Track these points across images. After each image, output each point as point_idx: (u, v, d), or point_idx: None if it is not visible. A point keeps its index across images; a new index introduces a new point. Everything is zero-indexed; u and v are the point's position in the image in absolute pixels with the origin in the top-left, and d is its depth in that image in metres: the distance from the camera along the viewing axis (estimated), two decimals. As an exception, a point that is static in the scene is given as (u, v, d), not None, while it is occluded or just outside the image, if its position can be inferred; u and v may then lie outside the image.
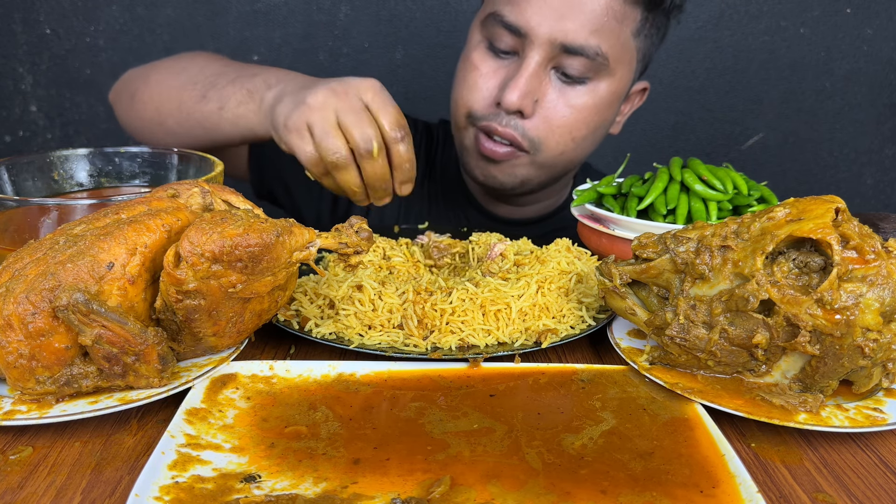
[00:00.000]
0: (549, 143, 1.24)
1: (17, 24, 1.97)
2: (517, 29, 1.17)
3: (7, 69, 1.99)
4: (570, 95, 1.21)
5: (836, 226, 0.66)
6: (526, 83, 1.17)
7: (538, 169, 1.28)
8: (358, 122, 0.96)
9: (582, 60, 1.17)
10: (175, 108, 1.21)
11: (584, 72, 1.19)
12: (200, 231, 0.63)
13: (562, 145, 1.25)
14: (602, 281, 0.78)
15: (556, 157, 1.26)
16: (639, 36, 1.24)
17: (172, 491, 0.55)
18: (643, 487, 0.57)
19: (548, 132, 1.22)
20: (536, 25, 1.15)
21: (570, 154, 1.28)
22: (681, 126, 2.17)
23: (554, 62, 1.19)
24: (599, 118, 1.26)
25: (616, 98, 1.27)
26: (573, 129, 1.24)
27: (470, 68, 1.26)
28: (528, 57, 1.17)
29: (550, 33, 1.15)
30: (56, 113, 2.05)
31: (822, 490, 0.60)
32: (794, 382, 0.70)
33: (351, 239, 0.75)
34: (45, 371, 0.63)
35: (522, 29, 1.16)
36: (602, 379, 0.74)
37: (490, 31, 1.22)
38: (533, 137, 1.22)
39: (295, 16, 2.02)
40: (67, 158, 0.97)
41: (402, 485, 0.57)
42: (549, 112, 1.21)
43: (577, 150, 1.28)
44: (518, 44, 1.19)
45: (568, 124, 1.23)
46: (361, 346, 0.78)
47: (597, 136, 1.31)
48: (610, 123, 1.33)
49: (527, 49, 1.18)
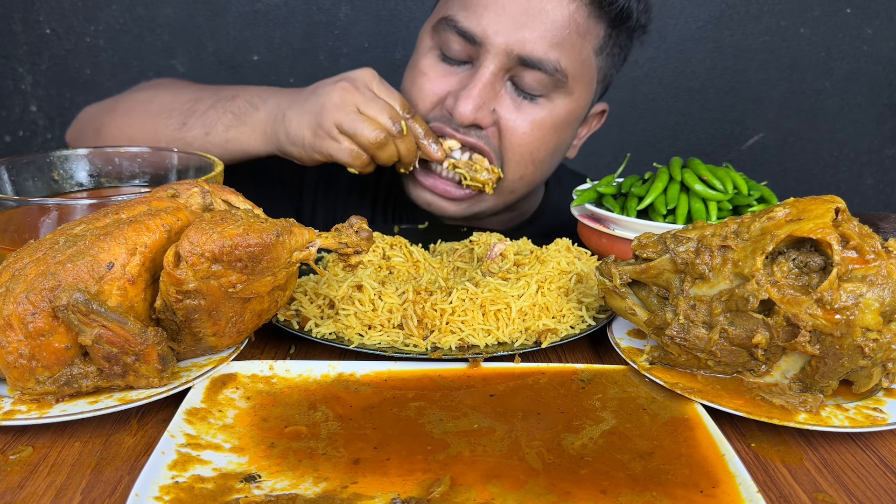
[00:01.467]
0: (510, 165, 1.16)
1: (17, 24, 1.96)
2: (471, 36, 1.09)
3: (7, 69, 1.99)
4: (526, 110, 1.13)
5: (836, 226, 0.66)
6: (479, 93, 1.09)
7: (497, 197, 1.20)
8: (379, 109, 1.05)
9: (539, 75, 1.09)
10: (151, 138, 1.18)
11: (541, 88, 1.11)
12: (200, 231, 0.63)
13: (521, 167, 1.17)
14: (602, 281, 0.78)
15: (516, 181, 1.19)
16: (601, 54, 1.16)
17: (172, 491, 0.55)
18: (643, 487, 0.57)
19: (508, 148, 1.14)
20: (493, 34, 1.07)
21: (530, 178, 1.20)
22: (681, 126, 2.17)
23: (509, 74, 1.11)
24: (557, 139, 1.18)
25: (574, 119, 1.19)
26: (533, 150, 1.16)
27: (417, 74, 1.18)
28: (483, 66, 1.09)
29: (507, 43, 1.07)
30: (56, 113, 2.05)
31: (822, 490, 0.60)
32: (794, 382, 0.70)
33: (351, 239, 0.75)
34: (45, 371, 0.63)
35: (478, 36, 1.08)
36: (602, 379, 0.74)
37: (442, 38, 1.13)
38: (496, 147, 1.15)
39: (295, 16, 2.02)
40: (67, 158, 0.97)
41: (402, 485, 0.57)
42: (507, 125, 1.13)
43: (537, 174, 1.20)
44: (472, 52, 1.11)
45: (527, 143, 1.14)
46: (361, 346, 0.78)
47: (554, 160, 1.23)
48: (566, 147, 1.25)
49: (481, 58, 1.10)
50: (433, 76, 1.16)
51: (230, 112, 1.14)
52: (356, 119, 1.03)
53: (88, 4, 1.96)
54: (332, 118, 1.03)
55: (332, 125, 1.03)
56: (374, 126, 1.04)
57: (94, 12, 1.97)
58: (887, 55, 2.11)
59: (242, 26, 2.02)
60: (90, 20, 1.98)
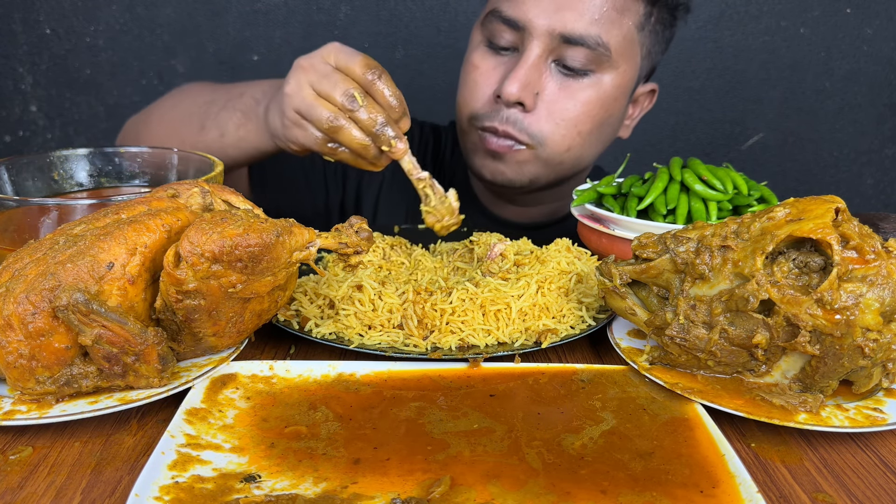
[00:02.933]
0: (555, 138, 1.22)
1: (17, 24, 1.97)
2: (515, 23, 1.17)
3: (7, 69, 1.99)
4: (573, 88, 1.20)
5: (836, 226, 0.66)
6: (525, 74, 1.16)
7: (545, 166, 1.26)
8: (331, 83, 0.94)
9: (583, 51, 1.16)
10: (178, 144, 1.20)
11: (586, 63, 1.18)
12: (200, 231, 0.63)
13: (568, 139, 1.23)
14: (602, 281, 0.78)
15: (563, 153, 1.25)
16: (642, 30, 1.22)
17: (172, 491, 0.55)
18: (643, 487, 0.57)
19: (552, 126, 1.21)
20: (534, 17, 1.15)
21: (577, 150, 1.26)
22: (681, 126, 2.17)
23: (554, 54, 1.18)
24: (605, 113, 1.24)
25: (621, 93, 1.25)
26: (578, 123, 1.22)
27: (470, 69, 1.25)
28: (528, 49, 1.17)
29: (549, 24, 1.14)
30: (56, 113, 2.05)
31: (822, 490, 0.60)
32: (794, 382, 0.70)
33: (351, 239, 0.75)
34: (45, 371, 0.63)
35: (520, 22, 1.16)
36: (602, 379, 0.74)
37: (489, 30, 1.21)
38: (535, 133, 1.21)
39: (295, 16, 2.02)
40: (67, 158, 0.97)
41: (402, 485, 0.57)
42: (551, 105, 1.20)
43: (585, 146, 1.26)
44: (517, 38, 1.19)
45: (572, 118, 1.21)
46: (361, 346, 0.78)
47: (603, 133, 1.29)
48: (616, 121, 1.31)
49: (526, 42, 1.17)
50: (484, 68, 1.23)
51: (238, 111, 1.13)
52: (310, 102, 0.95)
53: (88, 4, 1.96)
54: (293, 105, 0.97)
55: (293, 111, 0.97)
56: (326, 110, 0.93)
57: (94, 12, 1.97)
58: (887, 55, 2.11)
59: (242, 26, 2.02)
60: (90, 20, 1.98)
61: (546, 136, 1.22)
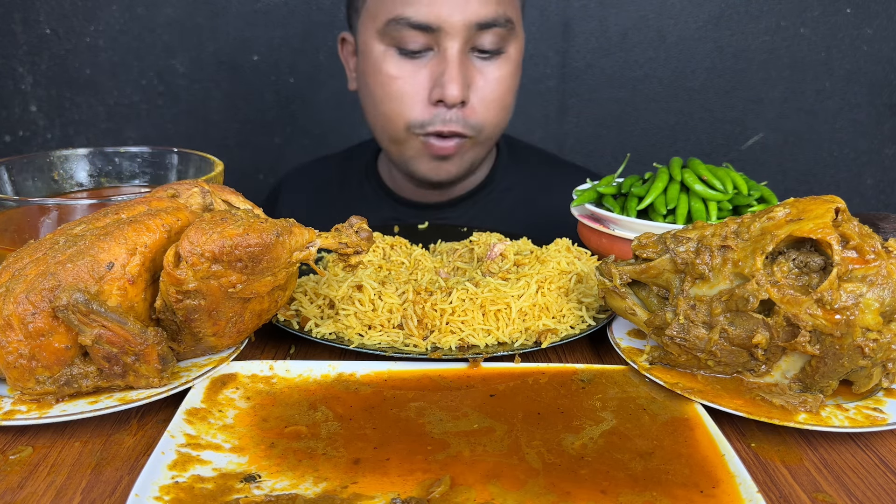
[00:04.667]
0: (489, 121, 1.27)
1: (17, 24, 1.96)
2: (427, 25, 1.18)
3: (7, 69, 1.99)
4: (492, 69, 1.25)
5: (836, 226, 0.66)
6: (458, 73, 1.20)
7: (482, 147, 1.32)
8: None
9: (495, 31, 1.21)
10: None
11: (498, 43, 1.23)
12: (200, 231, 0.63)
13: (499, 118, 1.30)
14: (602, 281, 0.78)
15: (494, 130, 1.31)
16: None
17: (172, 491, 0.55)
18: (643, 487, 0.57)
19: (485, 112, 1.26)
20: (448, 16, 1.17)
21: (504, 122, 1.33)
22: (681, 126, 2.17)
23: (470, 44, 1.22)
24: (517, 81, 1.32)
25: (521, 54, 1.31)
26: (503, 100, 1.28)
27: (387, 81, 1.25)
28: (449, 48, 1.20)
29: (464, 18, 1.18)
30: (56, 113, 2.05)
31: (822, 490, 0.60)
32: (794, 382, 0.70)
33: (351, 239, 0.75)
34: (45, 371, 0.63)
35: (433, 24, 1.18)
36: (602, 379, 0.74)
37: (395, 37, 1.21)
38: (474, 123, 1.25)
39: (295, 16, 2.02)
40: (67, 158, 0.97)
41: (402, 485, 0.57)
42: (481, 92, 1.24)
43: (507, 116, 1.33)
44: (430, 39, 1.20)
45: (498, 97, 1.27)
46: (361, 346, 0.78)
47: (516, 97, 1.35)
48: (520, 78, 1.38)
49: (443, 41, 1.20)
50: (405, 76, 1.24)
51: None
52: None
53: (88, 4, 1.96)
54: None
55: None
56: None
57: (94, 12, 1.97)
58: (887, 55, 2.11)
59: (242, 26, 2.02)
60: (90, 20, 1.98)
61: (482, 123, 1.26)
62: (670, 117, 2.15)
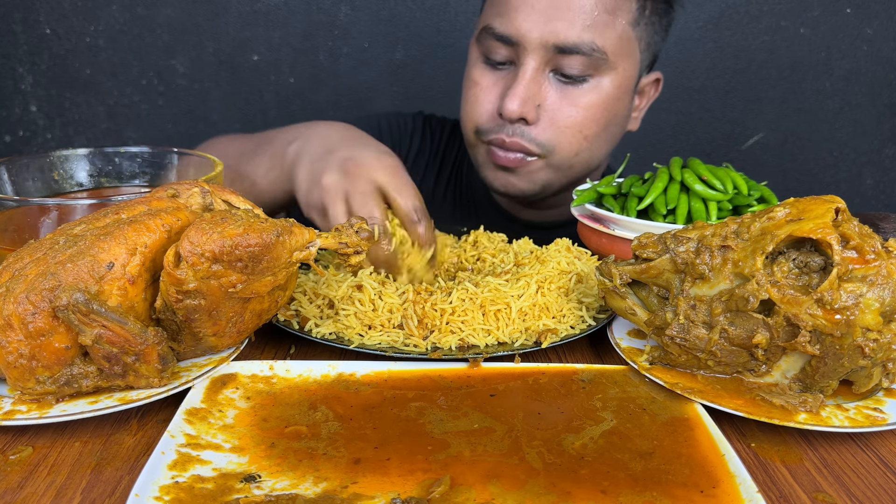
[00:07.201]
0: (562, 145, 1.23)
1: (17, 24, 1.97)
2: (509, 38, 1.17)
3: (7, 69, 1.99)
4: (574, 95, 1.21)
5: (836, 226, 0.66)
6: (524, 90, 1.17)
7: (556, 171, 1.27)
8: (364, 205, 0.90)
9: (579, 58, 1.16)
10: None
11: (584, 70, 1.18)
12: (200, 231, 0.63)
13: (575, 145, 1.24)
14: (602, 281, 0.78)
15: (572, 157, 1.26)
16: (638, 25, 1.22)
17: (172, 491, 0.55)
18: (643, 487, 0.57)
19: (557, 134, 1.22)
20: (527, 32, 1.15)
21: (586, 154, 1.27)
22: (681, 126, 2.17)
23: (551, 65, 1.19)
24: (609, 114, 1.25)
25: (624, 92, 1.26)
26: (583, 128, 1.23)
27: (470, 85, 1.27)
28: (524, 63, 1.18)
29: (542, 36, 1.15)
30: (56, 113, 2.05)
31: (822, 490, 0.60)
32: (794, 382, 0.70)
33: (351, 239, 0.75)
34: (45, 371, 0.63)
35: (513, 37, 1.17)
36: (602, 379, 0.74)
37: (485, 46, 1.22)
38: (542, 142, 1.22)
39: (295, 16, 2.02)
40: (67, 158, 0.97)
41: (403, 485, 0.57)
42: (554, 115, 1.21)
43: (592, 148, 1.27)
44: (513, 53, 1.19)
45: (576, 124, 1.22)
46: (361, 346, 0.78)
47: (611, 132, 1.30)
48: (623, 119, 1.31)
49: (521, 56, 1.18)
50: (484, 84, 1.25)
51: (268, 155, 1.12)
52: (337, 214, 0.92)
53: (88, 4, 1.96)
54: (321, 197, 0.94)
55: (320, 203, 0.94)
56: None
57: (94, 12, 1.97)
58: (887, 55, 2.11)
59: (242, 26, 2.02)
60: (90, 20, 1.98)
61: (554, 145, 1.22)
62: (670, 117, 2.15)
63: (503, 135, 1.22)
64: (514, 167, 1.25)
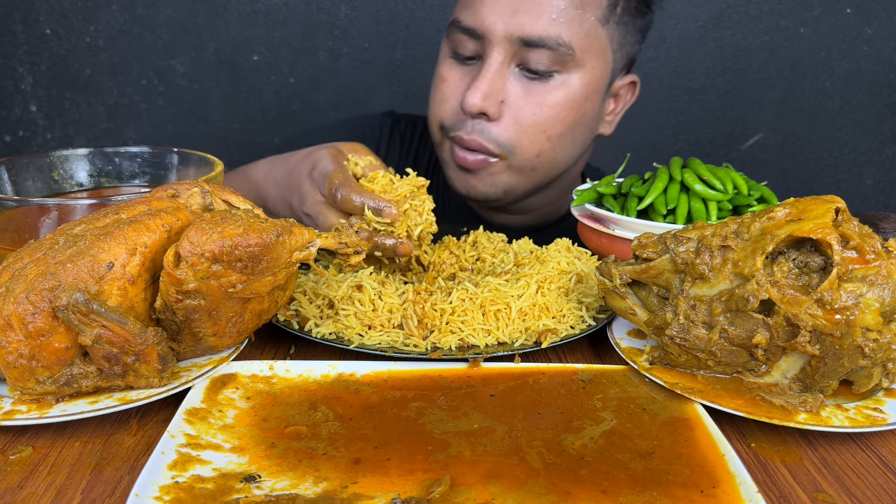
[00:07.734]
0: (523, 145, 1.18)
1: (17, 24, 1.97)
2: (474, 31, 1.15)
3: (7, 69, 1.99)
4: (539, 92, 1.16)
5: (836, 226, 0.66)
6: (487, 83, 1.14)
7: (518, 174, 1.23)
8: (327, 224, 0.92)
9: (545, 53, 1.13)
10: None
11: (550, 65, 1.15)
12: (200, 231, 0.63)
13: (537, 145, 1.19)
14: (602, 281, 0.78)
15: (534, 159, 1.21)
16: (608, 23, 1.18)
17: (172, 491, 0.55)
18: (643, 487, 0.57)
19: (519, 133, 1.17)
20: (492, 24, 1.13)
21: (549, 155, 1.22)
22: (681, 126, 2.17)
23: (517, 59, 1.15)
24: (575, 114, 1.20)
25: (593, 91, 1.21)
26: (547, 128, 1.18)
27: (438, 81, 1.24)
28: (489, 57, 1.15)
29: (507, 29, 1.12)
30: (56, 113, 2.05)
31: (822, 490, 0.60)
32: (794, 382, 0.70)
33: (351, 239, 0.75)
34: (45, 371, 0.63)
35: (479, 30, 1.15)
36: (602, 379, 0.74)
37: (453, 41, 1.20)
38: (503, 141, 1.18)
39: (295, 16, 2.02)
40: (67, 158, 0.97)
41: (403, 485, 0.57)
42: (517, 112, 1.16)
43: (556, 149, 1.22)
44: (479, 47, 1.17)
45: (540, 122, 1.17)
46: (361, 346, 0.78)
47: (577, 134, 1.24)
48: (591, 121, 1.26)
49: (487, 50, 1.15)
50: (451, 80, 1.22)
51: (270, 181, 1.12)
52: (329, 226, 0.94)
53: (88, 4, 1.96)
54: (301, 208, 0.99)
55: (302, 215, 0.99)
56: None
57: (94, 12, 1.97)
58: (887, 55, 2.11)
59: (242, 26, 2.02)
60: (90, 20, 1.98)
61: (514, 144, 1.18)
62: (670, 117, 2.15)
63: (462, 132, 1.19)
64: (475, 168, 1.21)
